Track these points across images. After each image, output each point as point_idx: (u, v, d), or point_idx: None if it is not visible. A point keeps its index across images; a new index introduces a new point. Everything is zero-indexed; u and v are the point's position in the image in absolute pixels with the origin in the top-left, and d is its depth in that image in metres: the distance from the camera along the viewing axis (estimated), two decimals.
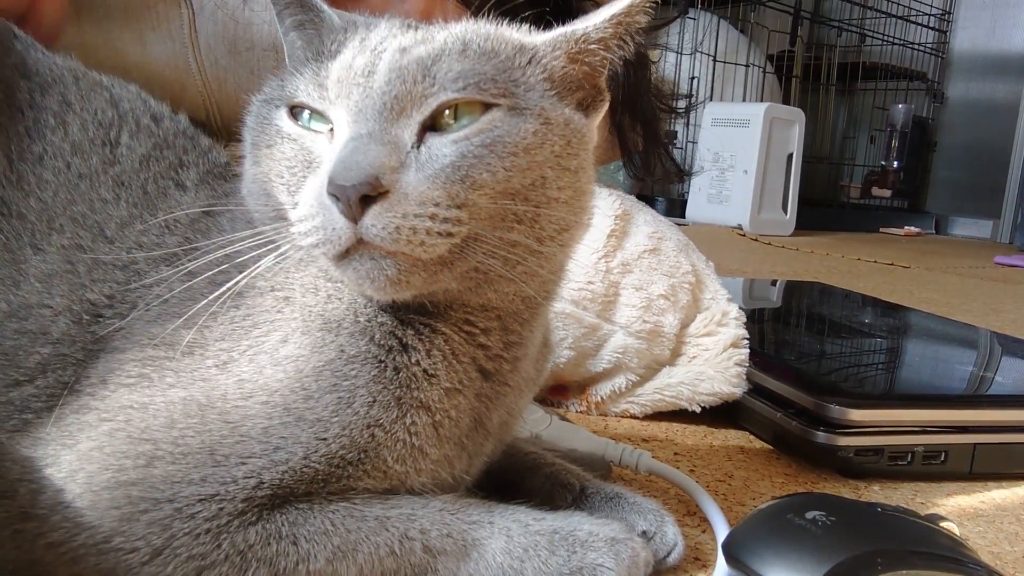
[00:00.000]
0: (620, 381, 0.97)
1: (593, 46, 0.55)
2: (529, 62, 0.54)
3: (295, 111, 0.53)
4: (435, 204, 0.48)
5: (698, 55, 4.18)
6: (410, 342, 0.53)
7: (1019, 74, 5.02)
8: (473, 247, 0.50)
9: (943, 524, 0.62)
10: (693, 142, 4.19)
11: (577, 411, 1.00)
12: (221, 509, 0.47)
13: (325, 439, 0.50)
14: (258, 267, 0.52)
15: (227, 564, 0.47)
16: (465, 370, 0.55)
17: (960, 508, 0.81)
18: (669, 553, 0.61)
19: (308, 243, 0.49)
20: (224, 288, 0.51)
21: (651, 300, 0.97)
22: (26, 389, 0.52)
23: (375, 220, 0.46)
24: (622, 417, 0.99)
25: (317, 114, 0.52)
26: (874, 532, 0.58)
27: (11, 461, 0.49)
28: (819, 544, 0.56)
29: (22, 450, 0.49)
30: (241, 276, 0.52)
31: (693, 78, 4.21)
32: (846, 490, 0.83)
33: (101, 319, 0.54)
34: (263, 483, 0.49)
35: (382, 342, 0.53)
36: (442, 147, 0.49)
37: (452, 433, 0.55)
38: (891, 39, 5.26)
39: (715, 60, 4.25)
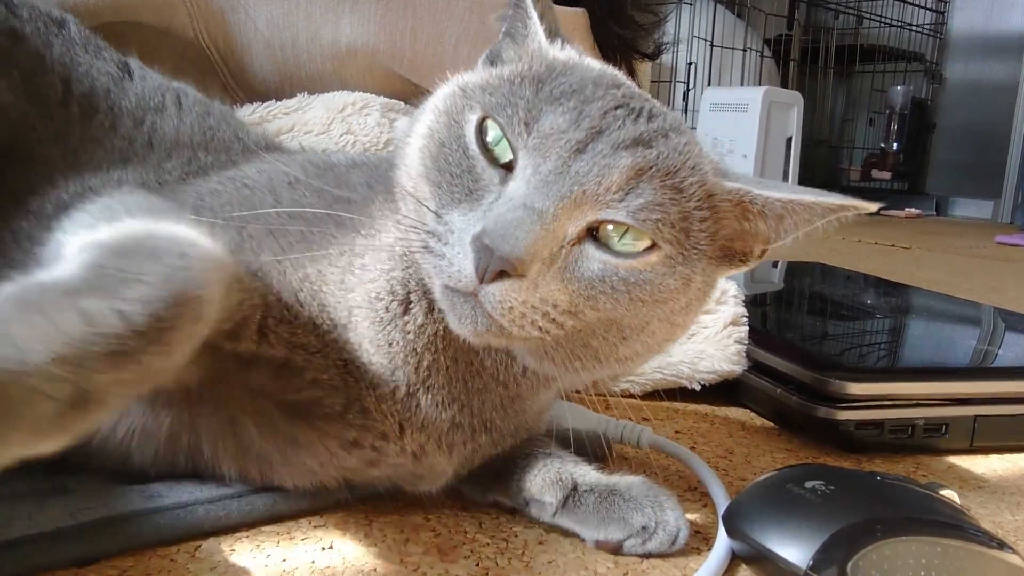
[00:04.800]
0: None
1: (771, 223, 0.54)
2: (708, 214, 0.52)
3: (486, 120, 0.52)
4: (554, 305, 0.48)
5: (695, 40, 4.16)
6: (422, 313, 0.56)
7: (1017, 54, 5.00)
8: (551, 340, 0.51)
9: (943, 492, 0.62)
10: (692, 127, 4.18)
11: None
12: None
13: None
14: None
15: None
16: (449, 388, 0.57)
17: (961, 479, 0.81)
18: (674, 540, 0.60)
19: (428, 261, 0.50)
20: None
21: None
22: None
23: (498, 292, 0.47)
24: (622, 396, 0.99)
25: (507, 139, 0.51)
26: (873, 500, 0.58)
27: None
28: (818, 513, 0.56)
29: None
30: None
31: (690, 63, 4.20)
32: (847, 464, 0.82)
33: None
34: None
35: (397, 291, 0.55)
36: (592, 260, 0.49)
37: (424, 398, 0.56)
38: (889, 21, 5.24)
39: (712, 45, 4.23)
